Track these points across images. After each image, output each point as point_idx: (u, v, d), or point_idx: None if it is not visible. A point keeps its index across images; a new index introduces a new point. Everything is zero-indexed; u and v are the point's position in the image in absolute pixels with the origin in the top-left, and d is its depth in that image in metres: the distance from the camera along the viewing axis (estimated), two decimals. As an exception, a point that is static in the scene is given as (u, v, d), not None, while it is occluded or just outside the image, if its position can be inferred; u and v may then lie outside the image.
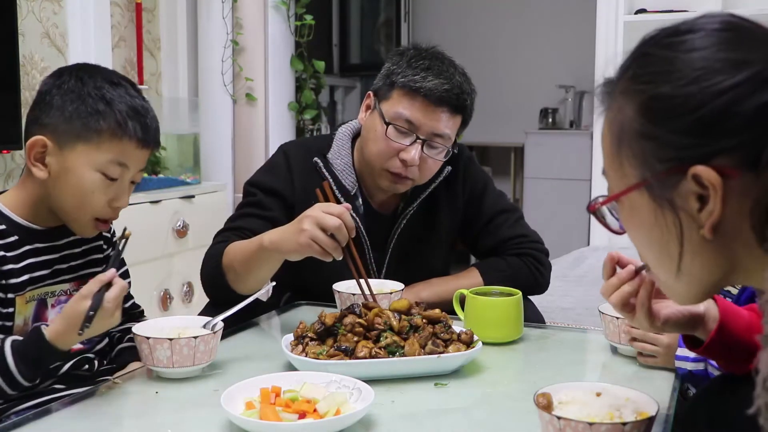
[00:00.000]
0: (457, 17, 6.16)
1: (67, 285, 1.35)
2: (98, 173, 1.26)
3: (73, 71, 1.29)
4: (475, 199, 1.82)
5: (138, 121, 1.27)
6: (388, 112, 1.64)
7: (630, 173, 0.81)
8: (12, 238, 1.27)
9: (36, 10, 2.84)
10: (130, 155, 1.28)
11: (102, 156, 1.25)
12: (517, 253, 1.77)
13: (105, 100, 1.25)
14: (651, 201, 0.80)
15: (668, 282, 0.85)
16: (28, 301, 1.28)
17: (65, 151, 1.25)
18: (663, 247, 0.81)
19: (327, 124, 4.48)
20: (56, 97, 1.26)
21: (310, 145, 1.81)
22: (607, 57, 3.94)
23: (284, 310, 1.72)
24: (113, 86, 1.28)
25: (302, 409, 1.04)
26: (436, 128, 1.63)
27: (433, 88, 1.60)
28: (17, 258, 1.27)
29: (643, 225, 0.83)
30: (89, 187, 1.26)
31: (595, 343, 1.47)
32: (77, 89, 1.26)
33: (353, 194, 1.73)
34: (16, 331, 1.26)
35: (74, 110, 1.25)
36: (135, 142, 1.27)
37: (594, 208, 0.88)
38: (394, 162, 1.64)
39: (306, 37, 3.76)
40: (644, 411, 0.95)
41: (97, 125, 1.24)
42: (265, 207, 1.67)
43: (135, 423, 1.11)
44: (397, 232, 1.76)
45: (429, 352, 1.25)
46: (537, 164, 5.49)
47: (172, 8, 3.57)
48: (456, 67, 1.67)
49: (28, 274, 1.28)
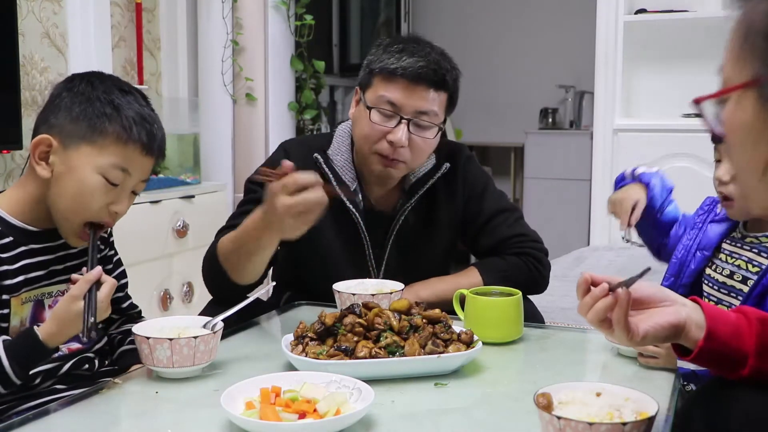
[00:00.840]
0: (457, 17, 6.16)
1: (64, 285, 1.35)
2: (99, 176, 1.26)
3: (85, 77, 1.31)
4: (475, 198, 1.82)
5: (144, 127, 1.28)
6: (371, 99, 1.67)
7: (747, 70, 0.80)
8: (7, 240, 1.27)
9: (36, 10, 2.84)
10: (134, 161, 1.28)
11: (105, 159, 1.26)
12: (517, 252, 1.77)
13: (113, 105, 1.27)
14: (757, 102, 0.79)
15: (750, 190, 0.85)
16: (23, 303, 1.28)
17: (69, 150, 1.26)
18: (756, 150, 0.81)
19: (327, 124, 4.48)
20: (66, 99, 1.28)
21: (311, 142, 1.83)
22: (607, 57, 3.95)
23: (284, 310, 1.72)
24: (123, 93, 1.29)
25: (302, 409, 1.04)
26: (419, 106, 1.64)
27: (408, 67, 1.62)
28: (12, 259, 1.27)
29: (743, 126, 0.82)
30: (89, 189, 1.27)
31: (595, 343, 1.47)
32: (87, 92, 1.27)
33: (353, 190, 1.73)
34: (13, 333, 1.27)
35: (81, 111, 1.26)
36: (139, 148, 1.28)
37: (700, 101, 0.87)
38: (382, 144, 1.66)
39: (306, 37, 3.76)
40: (644, 411, 0.95)
41: (103, 128, 1.25)
42: None
43: (135, 423, 1.11)
44: (396, 228, 1.76)
45: (429, 352, 1.25)
46: (537, 164, 5.49)
47: (172, 8, 3.57)
48: (433, 47, 1.69)
49: (23, 276, 1.28)
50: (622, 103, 3.98)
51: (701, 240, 1.57)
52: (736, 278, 1.48)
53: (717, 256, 1.55)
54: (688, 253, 1.58)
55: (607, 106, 3.96)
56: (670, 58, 3.92)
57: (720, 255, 1.54)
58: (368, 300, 1.41)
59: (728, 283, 1.49)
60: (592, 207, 4.09)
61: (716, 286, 1.51)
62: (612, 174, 3.95)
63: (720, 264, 1.52)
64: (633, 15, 3.91)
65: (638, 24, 3.90)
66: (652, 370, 1.30)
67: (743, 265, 1.48)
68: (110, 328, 1.47)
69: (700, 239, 1.58)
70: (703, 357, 1.03)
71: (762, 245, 1.47)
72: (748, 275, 1.46)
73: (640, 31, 3.91)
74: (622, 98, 3.97)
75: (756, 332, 1.01)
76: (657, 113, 3.97)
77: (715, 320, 1.03)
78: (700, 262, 1.54)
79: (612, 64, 3.94)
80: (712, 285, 1.52)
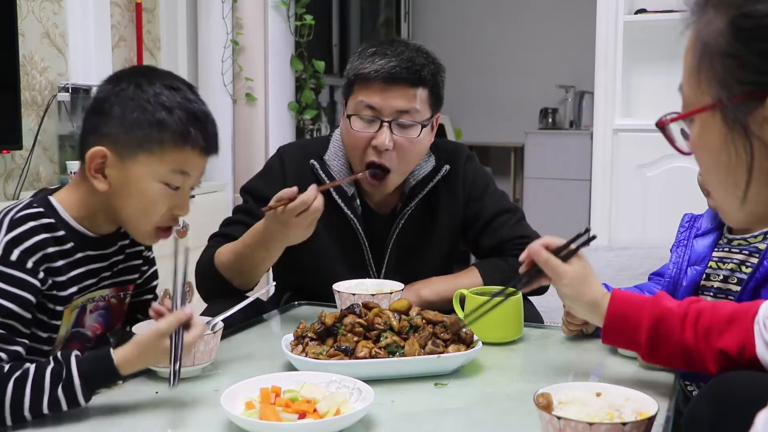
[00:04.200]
0: (457, 17, 6.16)
1: (107, 291, 1.32)
2: (161, 184, 1.23)
3: (132, 77, 1.24)
4: (476, 199, 1.81)
5: (199, 129, 1.24)
6: (351, 106, 1.67)
7: (706, 92, 0.78)
8: (68, 245, 1.23)
9: (36, 10, 2.84)
10: (192, 163, 1.25)
11: (165, 166, 1.22)
12: (518, 254, 1.76)
13: (166, 108, 1.21)
14: (723, 124, 0.76)
15: (727, 206, 0.83)
16: (72, 310, 1.26)
17: (127, 162, 1.21)
18: (730, 172, 0.78)
19: (327, 124, 4.48)
20: (115, 106, 1.21)
21: (308, 147, 1.82)
22: (607, 57, 3.94)
23: (284, 310, 1.72)
24: (174, 92, 1.23)
25: (302, 409, 1.04)
26: (398, 105, 1.62)
27: (380, 68, 1.61)
28: (69, 266, 1.23)
29: (711, 148, 0.79)
30: (152, 198, 1.23)
31: (595, 343, 1.47)
32: (137, 97, 1.21)
33: (350, 195, 1.73)
34: (59, 342, 1.25)
35: (135, 120, 1.20)
36: (198, 150, 1.24)
37: (663, 124, 0.85)
38: (368, 154, 1.65)
39: (306, 37, 3.76)
40: (644, 411, 0.95)
41: (160, 136, 1.20)
42: (254, 215, 1.66)
43: (135, 423, 1.11)
44: (396, 231, 1.75)
45: (429, 352, 1.25)
46: (537, 164, 5.49)
47: (172, 8, 3.57)
48: (408, 45, 1.67)
49: (77, 286, 1.24)
50: (622, 103, 3.98)
51: (690, 256, 1.57)
52: (732, 281, 1.48)
53: (708, 265, 1.55)
54: (680, 271, 1.58)
55: (607, 106, 3.96)
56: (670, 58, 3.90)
57: (711, 264, 1.54)
58: (368, 300, 1.41)
59: (724, 287, 1.49)
60: (592, 207, 4.09)
61: (712, 292, 1.51)
62: (612, 174, 3.96)
63: (713, 272, 1.52)
64: (633, 15, 3.91)
65: (638, 24, 3.90)
66: (652, 370, 1.30)
67: (736, 268, 1.48)
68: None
69: (689, 256, 1.57)
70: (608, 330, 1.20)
71: (751, 246, 1.48)
72: (743, 277, 1.47)
73: (640, 31, 3.91)
74: (621, 98, 3.96)
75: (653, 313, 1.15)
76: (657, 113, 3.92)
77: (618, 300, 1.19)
78: (693, 278, 1.54)
79: (612, 64, 3.93)
80: (707, 293, 1.53)
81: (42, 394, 1.08)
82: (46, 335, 1.22)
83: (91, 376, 1.11)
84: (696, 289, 1.54)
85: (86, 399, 1.11)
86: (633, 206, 3.91)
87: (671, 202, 3.56)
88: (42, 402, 1.08)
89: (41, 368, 1.10)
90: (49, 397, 1.08)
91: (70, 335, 1.27)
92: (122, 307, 1.37)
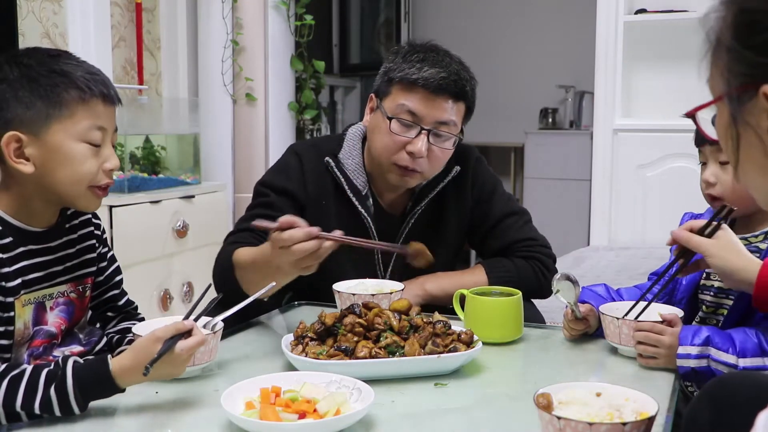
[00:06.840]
0: (457, 17, 6.16)
1: (64, 287, 1.34)
2: (82, 143, 1.25)
3: (9, 61, 1.26)
4: (484, 201, 1.82)
5: (94, 80, 1.26)
6: (390, 108, 1.65)
7: (716, 84, 0.82)
8: (7, 240, 1.25)
9: (36, 10, 2.84)
10: (102, 114, 1.27)
11: (78, 125, 1.24)
12: (525, 256, 1.77)
13: (57, 72, 1.24)
14: (728, 114, 0.80)
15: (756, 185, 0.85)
16: (24, 305, 1.27)
17: (42, 136, 1.23)
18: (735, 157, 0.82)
19: (327, 124, 4.48)
20: (7, 90, 1.23)
21: (321, 145, 1.81)
22: (607, 57, 3.95)
23: (284, 310, 1.72)
24: (55, 59, 1.26)
25: (302, 409, 1.04)
26: (439, 116, 1.64)
27: (429, 78, 1.62)
28: (11, 260, 1.25)
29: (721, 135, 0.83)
30: (80, 159, 1.25)
31: (595, 343, 1.47)
32: (25, 74, 1.23)
33: (364, 194, 1.74)
34: (17, 336, 1.26)
35: (32, 94, 1.23)
36: (101, 100, 1.27)
37: (691, 114, 0.89)
38: (401, 155, 1.65)
39: (306, 37, 3.76)
40: (644, 411, 0.95)
41: (62, 98, 1.23)
42: (276, 208, 1.66)
43: (135, 423, 1.11)
44: (405, 231, 1.77)
45: (429, 352, 1.25)
46: (537, 164, 5.49)
47: (172, 8, 3.57)
48: (452, 56, 1.69)
49: (21, 278, 1.26)
50: (622, 103, 3.98)
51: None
52: None
53: None
54: None
55: (607, 106, 3.96)
56: (670, 58, 3.92)
57: None
58: (368, 300, 1.41)
59: (724, 287, 1.49)
60: (592, 207, 4.09)
61: (712, 291, 1.51)
62: (612, 174, 3.96)
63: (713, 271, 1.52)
64: (633, 15, 3.91)
65: (638, 24, 3.90)
66: (652, 370, 1.30)
67: None
68: (107, 326, 1.46)
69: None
70: None
71: (751, 245, 1.47)
72: None
73: (640, 31, 3.91)
74: (621, 98, 3.96)
75: None
76: (657, 113, 3.96)
77: None
78: (693, 277, 1.54)
79: (612, 64, 3.93)
80: (707, 292, 1.52)
81: (35, 393, 1.09)
82: (2, 329, 1.24)
83: (85, 378, 1.10)
84: (696, 288, 1.54)
85: (79, 405, 1.10)
86: (633, 206, 3.91)
87: (671, 202, 3.57)
88: (34, 401, 1.09)
89: (38, 369, 1.11)
90: (41, 396, 1.09)
91: (33, 333, 1.28)
92: (83, 301, 1.38)
